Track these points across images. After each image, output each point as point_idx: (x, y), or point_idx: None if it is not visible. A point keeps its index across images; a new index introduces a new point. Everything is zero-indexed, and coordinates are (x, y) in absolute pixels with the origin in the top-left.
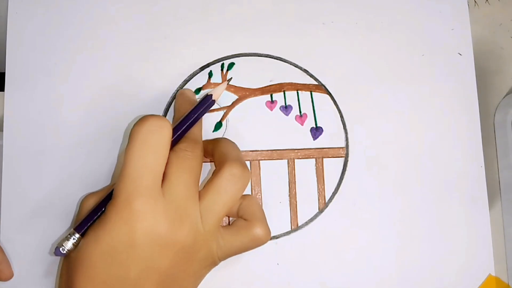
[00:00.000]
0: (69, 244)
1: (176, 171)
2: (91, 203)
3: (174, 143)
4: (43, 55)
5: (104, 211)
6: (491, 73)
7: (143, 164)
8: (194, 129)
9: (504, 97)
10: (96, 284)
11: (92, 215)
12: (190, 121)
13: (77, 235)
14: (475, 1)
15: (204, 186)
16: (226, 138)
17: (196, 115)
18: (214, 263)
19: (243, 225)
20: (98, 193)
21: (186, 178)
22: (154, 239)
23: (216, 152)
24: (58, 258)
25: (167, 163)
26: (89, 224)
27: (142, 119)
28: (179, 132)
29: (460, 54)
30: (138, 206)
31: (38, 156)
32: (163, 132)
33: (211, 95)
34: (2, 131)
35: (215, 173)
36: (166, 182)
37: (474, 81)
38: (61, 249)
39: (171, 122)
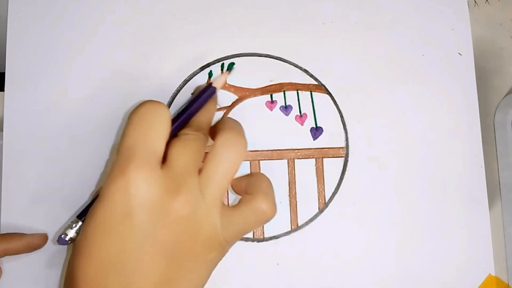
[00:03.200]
0: (72, 232)
1: (175, 150)
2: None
3: (177, 130)
4: (43, 55)
5: None
6: (491, 73)
7: (139, 137)
8: (198, 117)
9: (504, 97)
10: (94, 263)
11: (95, 199)
12: (190, 108)
13: (80, 223)
14: (475, 1)
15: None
16: (228, 117)
17: (196, 103)
18: (221, 247)
19: (246, 199)
20: None
21: (185, 156)
22: (150, 207)
23: (216, 129)
24: (63, 248)
25: (167, 146)
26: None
27: (140, 103)
28: (180, 120)
29: (460, 54)
30: (132, 173)
31: (38, 156)
32: (159, 110)
33: (211, 83)
34: (2, 131)
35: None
36: (165, 160)
37: (474, 81)
38: (62, 236)
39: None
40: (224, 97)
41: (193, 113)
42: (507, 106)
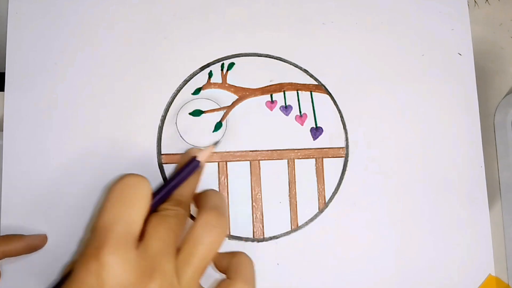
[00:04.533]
0: None
1: (152, 228)
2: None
3: (157, 204)
4: (43, 55)
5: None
6: (491, 73)
7: (115, 215)
8: (180, 190)
9: (504, 97)
10: None
11: (65, 277)
12: (172, 183)
13: None
14: (475, 1)
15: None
16: (212, 190)
17: (179, 178)
18: None
19: (225, 284)
20: None
21: (162, 234)
22: None
23: (198, 203)
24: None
25: (146, 223)
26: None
27: (120, 177)
28: (161, 194)
29: (460, 54)
30: (106, 256)
31: (38, 156)
32: (139, 186)
33: (196, 156)
34: (2, 131)
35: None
36: (142, 239)
37: (474, 81)
38: None
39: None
40: (224, 97)
41: (175, 187)
42: (507, 106)
